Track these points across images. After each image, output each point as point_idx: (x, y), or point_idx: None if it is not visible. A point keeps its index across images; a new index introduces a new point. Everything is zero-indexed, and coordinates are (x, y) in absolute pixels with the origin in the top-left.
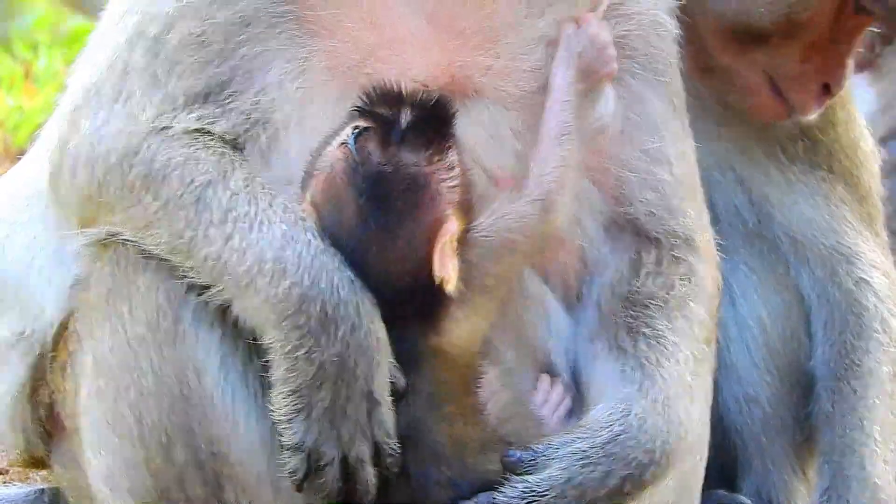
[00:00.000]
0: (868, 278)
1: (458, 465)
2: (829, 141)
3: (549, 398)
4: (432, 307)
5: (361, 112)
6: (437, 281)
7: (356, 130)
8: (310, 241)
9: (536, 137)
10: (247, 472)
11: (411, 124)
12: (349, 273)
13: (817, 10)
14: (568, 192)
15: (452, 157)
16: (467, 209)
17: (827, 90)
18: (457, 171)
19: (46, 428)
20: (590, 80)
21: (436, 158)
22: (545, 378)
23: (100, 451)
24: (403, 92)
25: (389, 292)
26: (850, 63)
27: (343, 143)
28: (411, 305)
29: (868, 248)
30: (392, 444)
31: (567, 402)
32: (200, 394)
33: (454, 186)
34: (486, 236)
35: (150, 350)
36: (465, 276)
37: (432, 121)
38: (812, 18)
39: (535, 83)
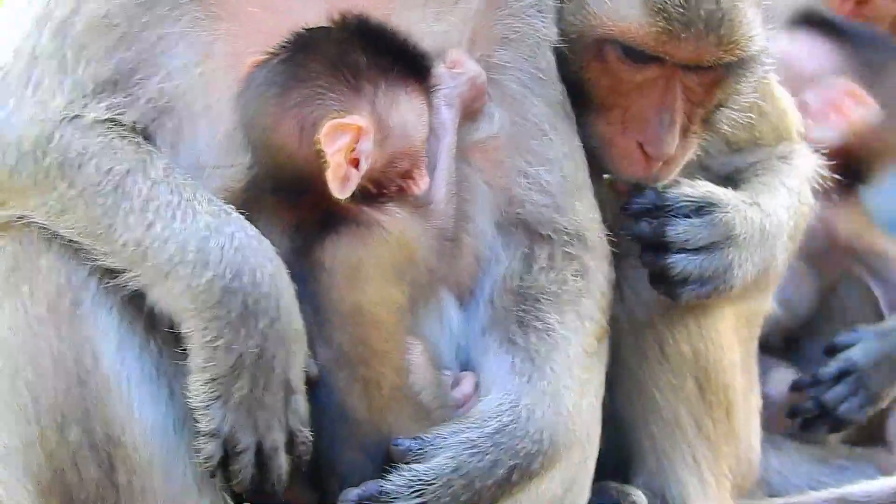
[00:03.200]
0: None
1: (373, 431)
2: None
3: (463, 388)
4: (328, 211)
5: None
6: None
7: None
8: (233, 233)
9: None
10: (140, 456)
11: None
12: (271, 265)
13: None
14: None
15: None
16: (383, 133)
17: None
18: (370, 91)
19: None
20: (470, 113)
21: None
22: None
23: None
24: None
25: (273, 168)
26: (673, 124)
27: None
28: (305, 200)
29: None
30: (306, 432)
31: (475, 400)
32: (97, 376)
33: (365, 101)
34: (388, 230)
35: (49, 331)
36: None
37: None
38: (591, 77)
39: None
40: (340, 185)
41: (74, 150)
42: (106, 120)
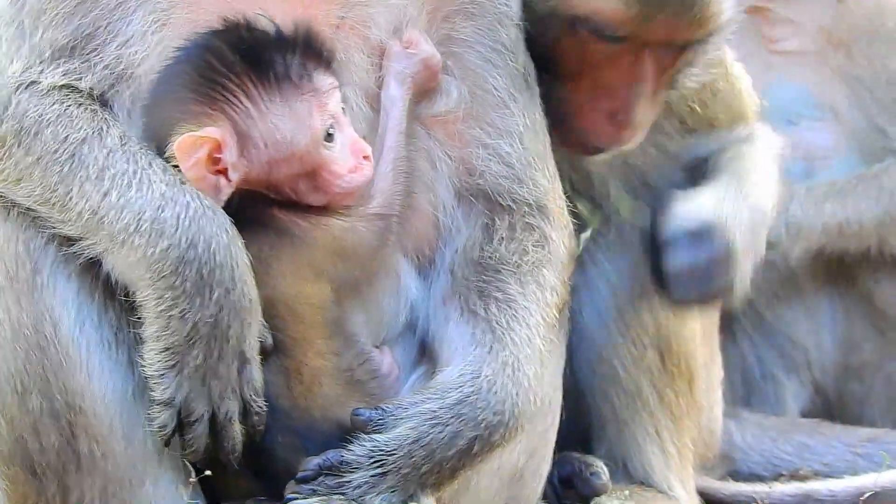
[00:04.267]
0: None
1: (303, 416)
2: (712, 112)
3: (381, 367)
4: (241, 212)
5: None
6: None
7: None
8: (188, 203)
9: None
10: (100, 423)
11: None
12: (226, 236)
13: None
14: (407, 213)
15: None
16: (246, 143)
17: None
18: (242, 98)
19: None
20: (425, 91)
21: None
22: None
23: None
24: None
25: None
26: (643, 93)
27: None
28: None
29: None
30: (260, 402)
31: (396, 373)
32: (56, 344)
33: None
34: (300, 233)
35: (8, 299)
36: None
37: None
38: (561, 52)
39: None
40: (211, 195)
41: (31, 116)
42: (63, 86)
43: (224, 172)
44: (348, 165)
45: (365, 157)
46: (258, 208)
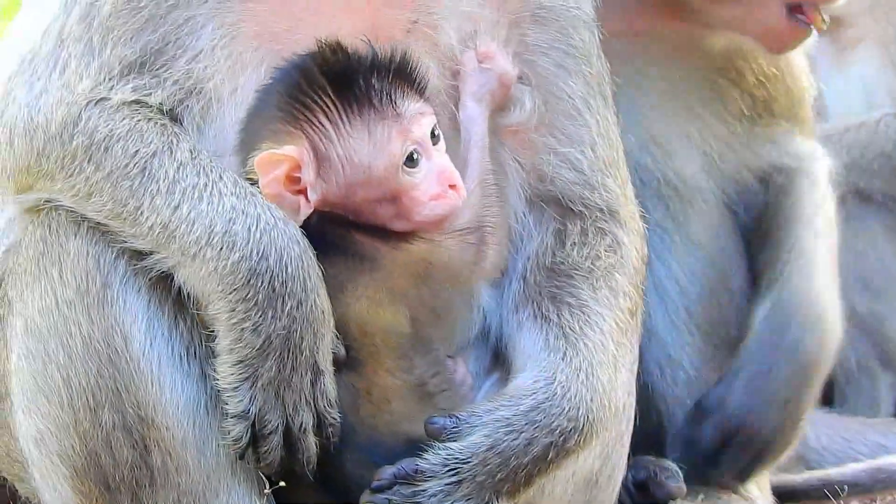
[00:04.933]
0: (806, 168)
1: (370, 433)
2: (766, 98)
3: (455, 376)
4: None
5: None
6: None
7: None
8: (259, 215)
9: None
10: (172, 436)
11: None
12: (297, 247)
13: None
14: (496, 225)
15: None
16: (324, 165)
17: None
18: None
19: None
20: (499, 103)
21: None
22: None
23: (30, 413)
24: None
25: None
26: None
27: None
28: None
29: (807, 146)
30: (334, 413)
31: (469, 382)
32: (127, 358)
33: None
34: (381, 258)
35: (79, 314)
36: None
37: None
38: None
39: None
40: (289, 213)
41: (101, 132)
42: (132, 102)
43: (304, 192)
44: (430, 193)
45: (452, 187)
46: (338, 231)
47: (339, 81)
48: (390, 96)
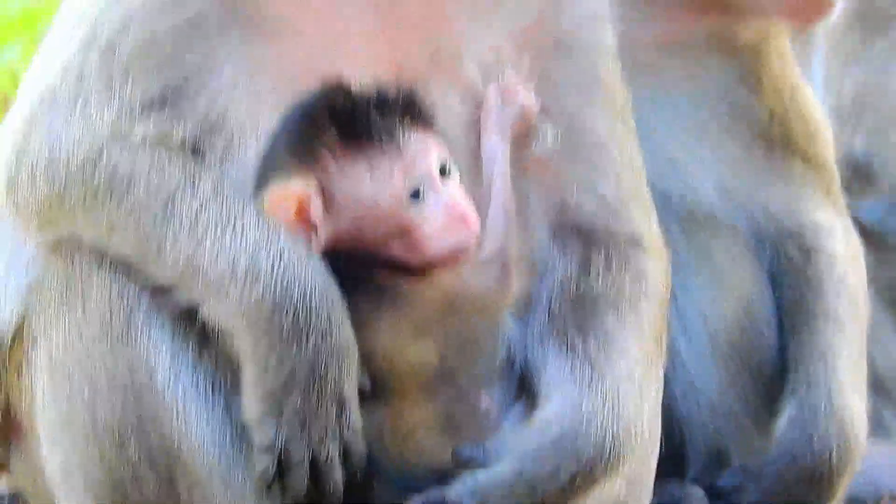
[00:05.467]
0: (822, 245)
1: (396, 463)
2: (782, 115)
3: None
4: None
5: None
6: None
7: None
8: (283, 249)
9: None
10: (198, 469)
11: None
12: (321, 280)
13: None
14: (520, 256)
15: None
16: (330, 201)
17: None
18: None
19: (4, 430)
20: (522, 136)
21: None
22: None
23: (55, 448)
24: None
25: None
26: None
27: None
28: None
29: (825, 218)
30: (360, 443)
31: (494, 412)
32: (152, 392)
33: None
34: (401, 293)
35: (103, 348)
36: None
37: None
38: None
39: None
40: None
41: (122, 169)
42: (154, 138)
43: (315, 228)
44: (439, 227)
45: (464, 221)
46: (360, 265)
47: (341, 119)
48: (391, 132)
